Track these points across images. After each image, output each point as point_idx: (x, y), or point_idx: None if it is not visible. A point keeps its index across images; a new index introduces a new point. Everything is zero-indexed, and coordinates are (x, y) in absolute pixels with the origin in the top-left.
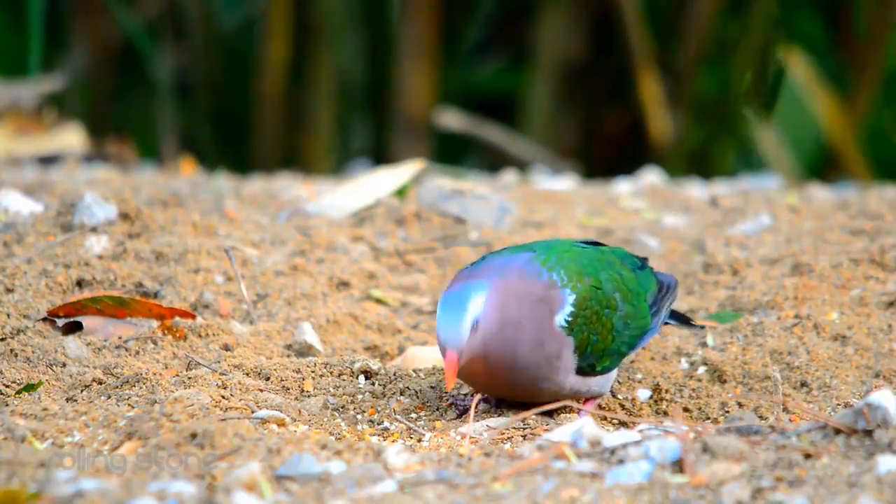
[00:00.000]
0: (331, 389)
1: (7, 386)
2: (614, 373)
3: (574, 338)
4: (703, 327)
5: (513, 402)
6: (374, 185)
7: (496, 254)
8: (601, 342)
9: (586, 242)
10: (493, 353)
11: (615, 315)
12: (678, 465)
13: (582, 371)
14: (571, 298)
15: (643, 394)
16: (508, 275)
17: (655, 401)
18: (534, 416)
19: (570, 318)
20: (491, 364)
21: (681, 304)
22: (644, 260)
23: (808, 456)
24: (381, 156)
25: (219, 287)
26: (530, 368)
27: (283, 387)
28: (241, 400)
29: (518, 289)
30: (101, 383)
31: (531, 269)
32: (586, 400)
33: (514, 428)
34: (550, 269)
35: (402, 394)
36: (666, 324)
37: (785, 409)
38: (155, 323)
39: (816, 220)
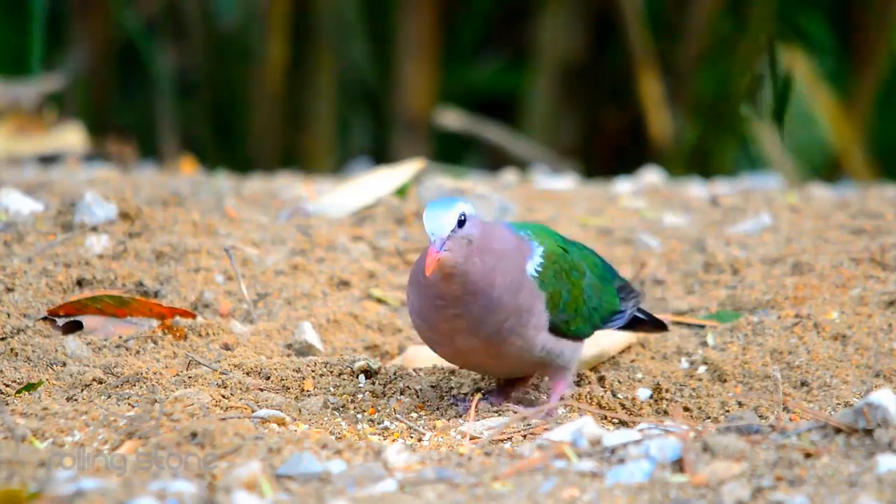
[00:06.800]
0: (331, 389)
1: (7, 385)
2: (581, 349)
3: (546, 291)
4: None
5: (479, 369)
6: (375, 184)
7: None
8: (573, 301)
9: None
10: (471, 272)
11: (584, 280)
12: (678, 465)
13: (555, 328)
14: (540, 250)
15: (643, 393)
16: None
17: (656, 400)
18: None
19: (539, 269)
20: (467, 290)
21: (681, 303)
22: (624, 287)
23: (808, 455)
24: (381, 155)
25: (219, 286)
26: (502, 312)
27: (284, 386)
28: (241, 399)
29: (497, 232)
30: (101, 383)
31: (506, 227)
32: (554, 381)
33: (514, 427)
34: (520, 229)
35: (402, 393)
36: (640, 321)
37: (785, 409)
38: (155, 322)
39: (817, 219)
